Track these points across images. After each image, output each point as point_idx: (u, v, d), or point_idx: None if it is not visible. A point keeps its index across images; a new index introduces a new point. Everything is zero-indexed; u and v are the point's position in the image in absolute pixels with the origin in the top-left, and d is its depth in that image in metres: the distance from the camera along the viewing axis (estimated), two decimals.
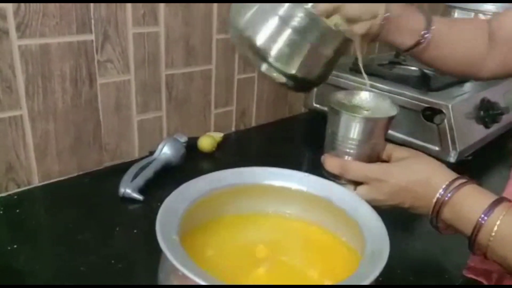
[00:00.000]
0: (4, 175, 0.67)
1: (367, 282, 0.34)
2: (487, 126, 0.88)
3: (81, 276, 0.53)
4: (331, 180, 0.50)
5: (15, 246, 0.57)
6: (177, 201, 0.42)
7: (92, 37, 0.70)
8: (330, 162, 0.52)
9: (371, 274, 0.34)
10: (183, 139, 0.82)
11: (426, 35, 0.58)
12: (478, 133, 0.87)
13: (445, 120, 0.80)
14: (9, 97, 0.64)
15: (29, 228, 0.61)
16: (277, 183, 0.49)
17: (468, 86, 0.96)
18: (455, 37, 0.62)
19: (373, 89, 0.60)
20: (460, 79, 0.97)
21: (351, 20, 0.53)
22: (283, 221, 0.48)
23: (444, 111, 0.80)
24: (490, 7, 1.11)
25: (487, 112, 0.87)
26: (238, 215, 0.46)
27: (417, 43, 0.59)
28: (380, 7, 0.54)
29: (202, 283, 0.32)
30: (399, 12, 0.57)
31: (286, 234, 0.47)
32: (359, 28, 0.53)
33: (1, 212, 0.64)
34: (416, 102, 0.83)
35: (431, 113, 0.82)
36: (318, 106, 1.02)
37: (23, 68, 0.64)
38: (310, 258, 0.45)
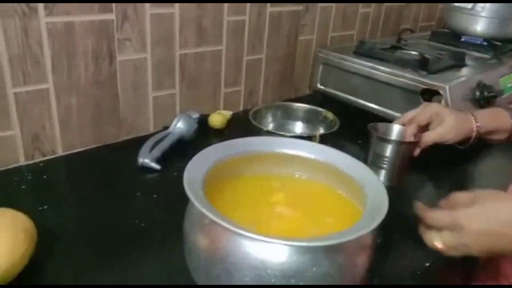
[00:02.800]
0: (31, 144, 0.73)
1: (367, 231, 0.38)
2: (482, 107, 0.93)
3: (107, 233, 0.58)
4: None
5: (46, 207, 0.62)
6: (201, 162, 0.47)
7: (112, 16, 0.74)
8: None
9: (371, 224, 0.39)
10: (195, 115, 0.86)
11: None
12: None
13: (442, 101, 0.85)
14: (37, 71, 0.69)
15: (56, 192, 0.67)
16: (289, 151, 0.54)
17: (465, 70, 1.00)
18: None
19: None
20: (459, 64, 1.02)
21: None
22: (293, 181, 0.53)
23: (441, 92, 0.85)
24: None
25: (482, 94, 0.91)
26: (254, 175, 0.52)
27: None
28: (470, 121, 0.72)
29: (227, 226, 0.37)
30: (486, 121, 0.73)
31: (296, 190, 0.53)
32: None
33: (30, 177, 0.69)
34: (415, 84, 0.88)
35: (429, 94, 0.86)
36: (322, 87, 1.07)
37: (50, 44, 0.69)
38: (317, 209, 0.50)
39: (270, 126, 0.84)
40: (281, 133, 0.72)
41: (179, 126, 0.83)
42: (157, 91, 0.86)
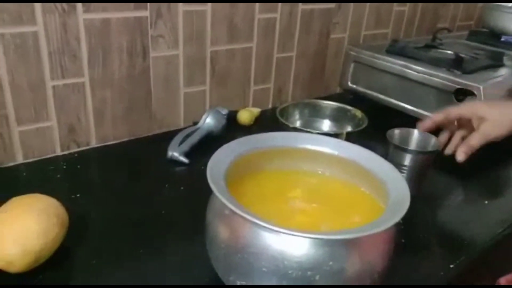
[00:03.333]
0: (67, 135, 0.76)
1: (386, 227, 0.38)
2: None
3: (135, 222, 0.60)
4: None
5: (78, 195, 0.65)
6: (224, 155, 0.48)
7: (147, 13, 0.77)
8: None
9: (391, 220, 0.39)
10: (224, 111, 0.88)
11: None
12: None
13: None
14: (74, 66, 0.72)
15: (88, 181, 0.70)
16: (312, 147, 0.54)
17: (503, 70, 0.97)
18: None
19: None
20: (496, 64, 0.98)
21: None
22: (315, 177, 0.54)
23: (475, 92, 0.82)
24: None
25: None
26: (276, 170, 0.53)
27: None
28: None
29: (248, 217, 0.38)
30: None
31: (318, 186, 0.53)
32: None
33: (65, 167, 0.72)
34: (449, 83, 0.86)
35: (462, 95, 0.84)
36: (353, 86, 1.06)
37: (87, 39, 0.72)
38: (338, 205, 0.50)
39: (297, 124, 0.84)
40: (308, 130, 0.72)
41: (208, 121, 0.84)
42: (188, 87, 0.88)
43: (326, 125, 0.85)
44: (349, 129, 0.81)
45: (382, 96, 0.99)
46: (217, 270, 0.45)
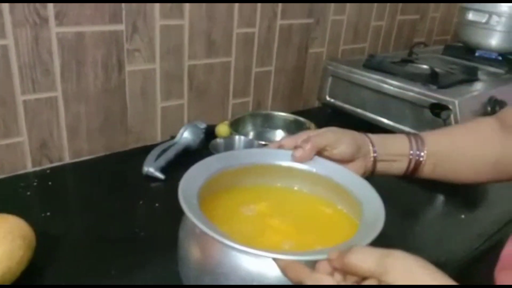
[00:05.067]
0: (38, 150, 0.74)
1: (368, 239, 0.37)
2: None
3: (107, 241, 0.59)
4: None
5: (48, 213, 0.63)
6: (197, 173, 0.47)
7: (122, 27, 0.76)
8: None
9: (364, 241, 0.38)
10: (202, 125, 0.87)
11: (417, 155, 0.55)
12: None
13: (451, 116, 0.83)
14: (46, 80, 0.71)
15: (60, 199, 0.68)
16: (286, 163, 0.53)
17: (477, 84, 0.99)
18: (461, 148, 0.57)
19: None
20: (471, 79, 1.00)
21: (345, 161, 0.52)
22: (290, 193, 0.53)
23: (450, 107, 0.83)
24: (505, 8, 1.14)
25: (494, 109, 0.90)
26: (249, 186, 0.51)
27: (411, 165, 0.55)
28: (366, 144, 0.54)
29: (217, 237, 0.36)
30: (380, 141, 0.55)
31: (291, 202, 0.52)
32: (356, 170, 0.52)
33: (35, 183, 0.70)
34: (424, 98, 0.87)
35: (438, 109, 0.85)
36: (331, 100, 1.06)
37: (60, 53, 0.70)
38: (314, 223, 0.49)
39: (250, 135, 0.84)
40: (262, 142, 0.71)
41: (186, 136, 0.83)
42: (165, 101, 0.87)
43: (279, 136, 0.85)
44: None
45: (359, 110, 1.00)
46: None
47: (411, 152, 0.55)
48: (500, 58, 1.20)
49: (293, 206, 0.51)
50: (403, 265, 0.32)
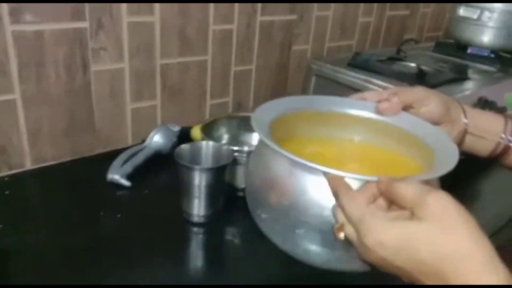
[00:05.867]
0: None
1: (431, 176, 0.37)
2: None
3: (60, 256, 0.54)
4: None
5: (1, 226, 0.58)
6: (271, 108, 0.48)
7: (86, 24, 0.71)
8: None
9: (437, 173, 0.37)
10: (176, 128, 0.83)
11: (509, 140, 0.51)
12: None
13: None
14: (3, 81, 0.66)
15: (16, 209, 0.63)
16: (364, 114, 0.51)
17: (467, 84, 0.94)
18: None
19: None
20: (461, 78, 0.96)
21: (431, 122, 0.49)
22: (360, 145, 0.52)
23: None
24: (497, 3, 1.09)
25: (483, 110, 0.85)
26: (319, 135, 0.51)
27: (499, 148, 0.51)
28: (458, 110, 0.51)
29: (286, 154, 0.38)
30: (473, 113, 0.52)
31: (361, 152, 0.51)
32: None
33: None
34: None
35: None
36: None
37: (16, 53, 0.66)
38: (378, 166, 0.48)
39: (225, 138, 0.79)
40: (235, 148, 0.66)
41: (157, 139, 0.79)
42: (136, 102, 0.82)
43: (254, 138, 0.80)
44: None
45: None
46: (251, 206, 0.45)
47: (503, 134, 0.51)
48: (492, 55, 1.15)
49: (362, 154, 0.51)
50: (440, 206, 0.32)
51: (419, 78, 0.86)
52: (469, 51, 1.20)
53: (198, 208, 0.63)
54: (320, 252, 0.39)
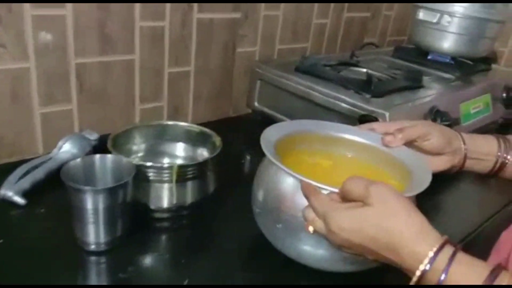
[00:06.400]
0: None
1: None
2: None
3: None
4: None
5: None
6: (271, 134, 0.55)
7: None
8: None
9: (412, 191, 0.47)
10: (93, 136, 0.73)
11: (504, 157, 0.58)
12: None
13: None
14: None
15: None
16: (348, 136, 0.61)
17: (421, 92, 0.88)
18: None
19: None
20: (413, 86, 0.89)
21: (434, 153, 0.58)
22: (348, 159, 0.61)
23: (380, 119, 0.72)
24: (457, 8, 1.03)
25: (434, 122, 0.78)
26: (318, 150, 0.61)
27: (497, 165, 0.59)
28: (458, 141, 0.58)
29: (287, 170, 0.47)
30: (470, 140, 0.59)
31: (349, 165, 0.60)
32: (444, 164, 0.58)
33: None
34: (353, 109, 0.75)
35: (367, 122, 0.73)
36: (260, 107, 0.94)
37: None
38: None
39: (142, 148, 0.70)
40: (147, 164, 0.58)
41: (66, 149, 0.69)
42: (46, 107, 0.73)
43: (179, 149, 0.72)
44: (205, 154, 0.69)
45: (286, 119, 0.87)
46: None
47: (499, 153, 0.59)
48: (452, 62, 1.09)
49: (354, 169, 0.59)
50: (380, 193, 0.41)
51: (366, 86, 0.79)
52: (430, 57, 1.14)
53: (95, 235, 0.54)
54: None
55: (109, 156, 0.57)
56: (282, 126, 0.59)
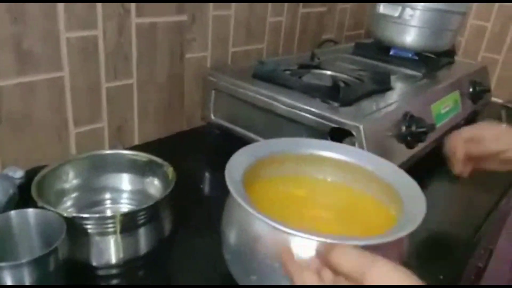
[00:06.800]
0: None
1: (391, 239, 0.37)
2: (410, 146, 0.73)
3: None
4: None
5: None
6: (238, 162, 0.47)
7: None
8: None
9: (399, 234, 0.37)
10: (18, 174, 0.61)
11: None
12: (399, 154, 0.72)
13: (356, 144, 0.64)
14: None
15: None
16: (322, 152, 0.54)
17: (391, 96, 0.81)
18: None
19: None
20: (382, 88, 0.82)
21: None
22: (325, 183, 0.54)
23: (354, 133, 0.64)
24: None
25: (409, 128, 0.72)
26: (284, 176, 0.53)
27: None
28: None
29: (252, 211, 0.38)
30: None
31: (327, 192, 0.53)
32: None
33: None
34: (322, 121, 0.67)
35: (339, 135, 0.65)
36: (215, 119, 0.84)
37: None
38: (347, 213, 0.51)
39: (77, 185, 0.58)
40: (84, 215, 0.47)
41: None
42: None
43: (124, 181, 0.61)
44: (156, 184, 0.58)
45: (248, 134, 0.78)
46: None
47: None
48: (416, 57, 1.04)
49: (328, 195, 0.53)
50: (383, 279, 0.32)
51: (333, 93, 0.71)
52: (392, 52, 1.08)
53: None
54: None
55: (30, 211, 0.46)
56: (249, 150, 0.50)
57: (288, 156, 0.53)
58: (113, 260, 0.50)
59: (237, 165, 0.46)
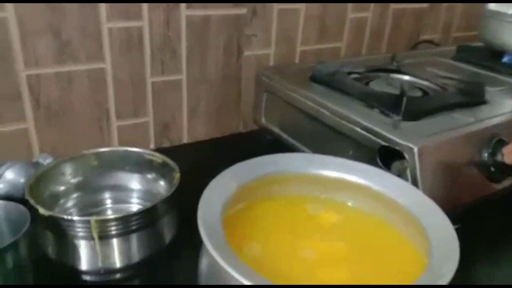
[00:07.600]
0: None
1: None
2: (492, 180, 0.56)
3: None
4: None
5: None
6: (222, 185, 0.39)
7: None
8: None
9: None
10: (48, 160, 0.61)
11: None
12: (475, 189, 0.56)
13: (408, 171, 0.50)
14: None
15: None
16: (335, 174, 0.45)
17: (479, 111, 0.64)
18: None
19: None
20: (470, 102, 0.65)
21: None
22: (336, 206, 0.45)
23: (406, 155, 0.50)
24: None
25: (493, 155, 0.55)
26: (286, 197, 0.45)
27: None
28: None
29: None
30: None
31: (341, 222, 0.44)
32: None
33: None
34: (371, 137, 0.54)
35: (389, 157, 0.53)
36: (266, 124, 0.76)
37: None
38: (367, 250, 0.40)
39: (74, 192, 0.55)
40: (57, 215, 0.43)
41: (9, 178, 0.57)
42: None
43: (133, 180, 0.56)
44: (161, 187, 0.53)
45: (295, 142, 0.69)
46: None
47: None
48: None
49: (342, 226, 0.44)
50: None
51: (396, 103, 0.58)
52: (505, 59, 0.88)
53: None
54: None
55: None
56: (237, 173, 0.42)
57: (285, 176, 0.45)
58: (86, 267, 0.46)
59: (214, 197, 0.38)
